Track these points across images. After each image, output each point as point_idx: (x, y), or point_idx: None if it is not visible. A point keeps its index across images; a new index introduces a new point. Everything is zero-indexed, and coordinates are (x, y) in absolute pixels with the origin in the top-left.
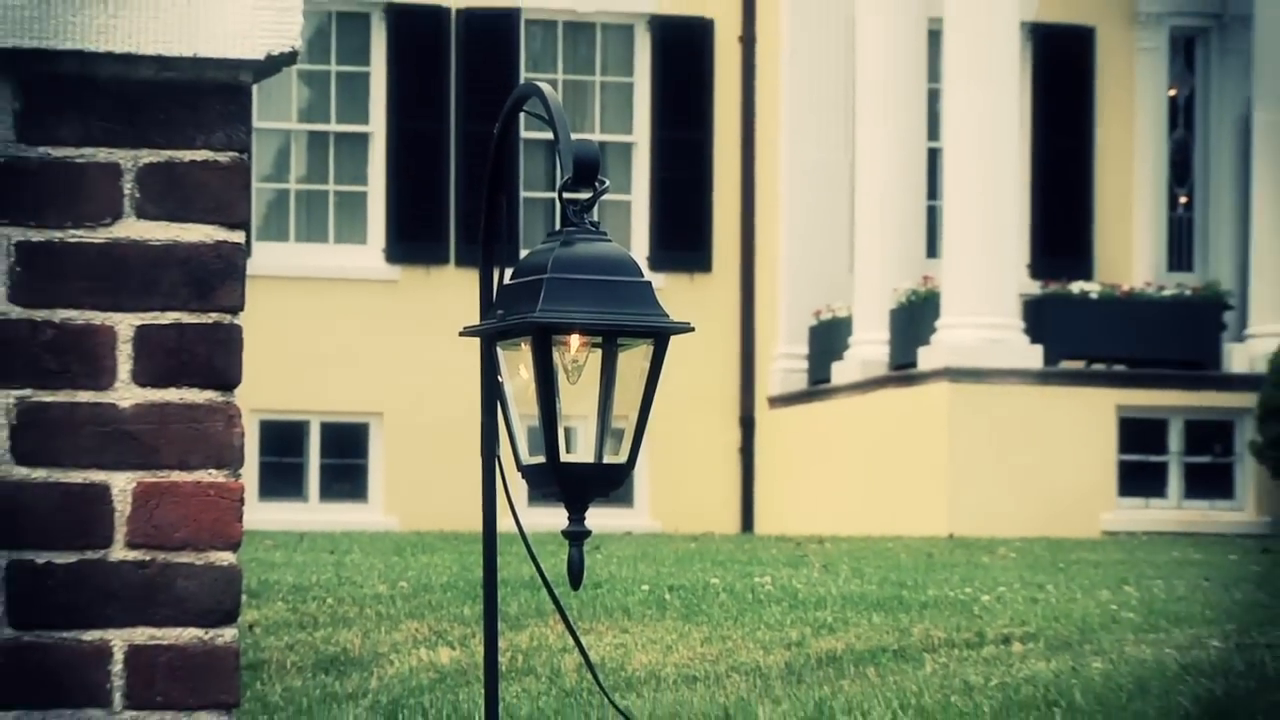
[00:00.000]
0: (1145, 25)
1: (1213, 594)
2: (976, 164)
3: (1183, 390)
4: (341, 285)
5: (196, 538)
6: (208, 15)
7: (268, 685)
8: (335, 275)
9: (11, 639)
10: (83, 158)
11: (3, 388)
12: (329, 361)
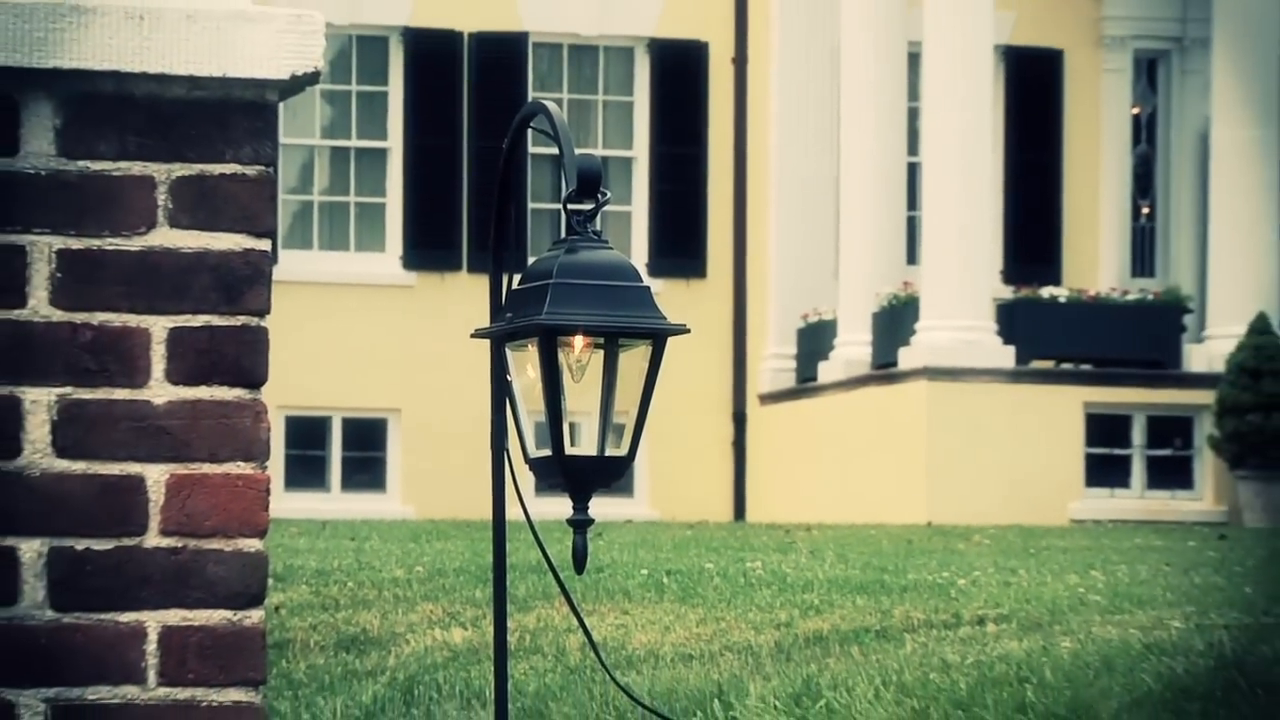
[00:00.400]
0: (1110, 48)
1: (1173, 578)
2: (953, 177)
3: (1145, 388)
4: (361, 290)
5: (226, 526)
6: (236, 38)
7: (293, 663)
8: (356, 281)
9: (53, 620)
10: (119, 171)
11: (45, 385)
12: (350, 361)
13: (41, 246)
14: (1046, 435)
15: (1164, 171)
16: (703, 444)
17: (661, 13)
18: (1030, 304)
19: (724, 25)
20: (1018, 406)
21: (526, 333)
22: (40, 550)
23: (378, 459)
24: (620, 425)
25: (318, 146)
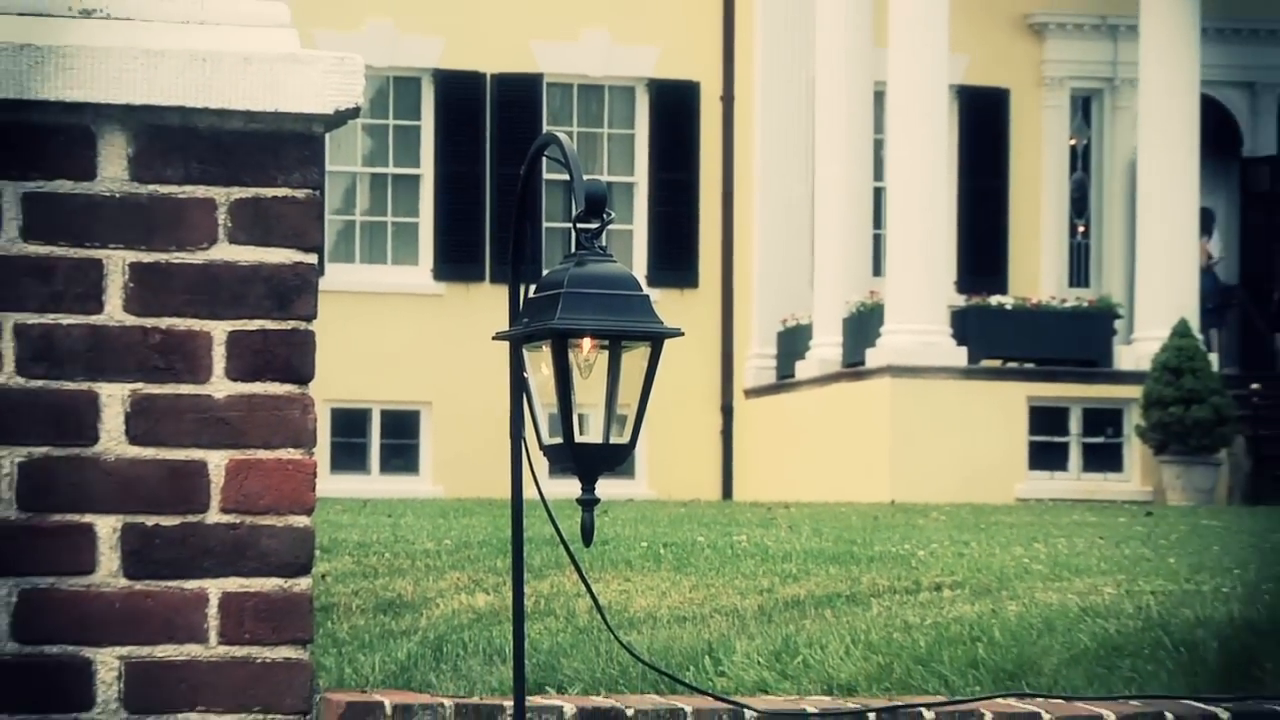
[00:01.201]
0: (1050, 87)
1: (1106, 550)
2: (913, 200)
3: (1081, 384)
4: (397, 299)
5: (278, 504)
6: (286, 77)
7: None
8: (392, 290)
9: (126, 587)
10: (184, 194)
11: (119, 381)
12: (387, 360)
13: (116, 260)
14: (995, 425)
15: (1097, 195)
16: (695, 433)
17: (659, 57)
18: (980, 310)
19: (713, 68)
20: (969, 400)
21: (541, 336)
22: (115, 526)
23: (411, 445)
24: (623, 416)
25: (359, 173)
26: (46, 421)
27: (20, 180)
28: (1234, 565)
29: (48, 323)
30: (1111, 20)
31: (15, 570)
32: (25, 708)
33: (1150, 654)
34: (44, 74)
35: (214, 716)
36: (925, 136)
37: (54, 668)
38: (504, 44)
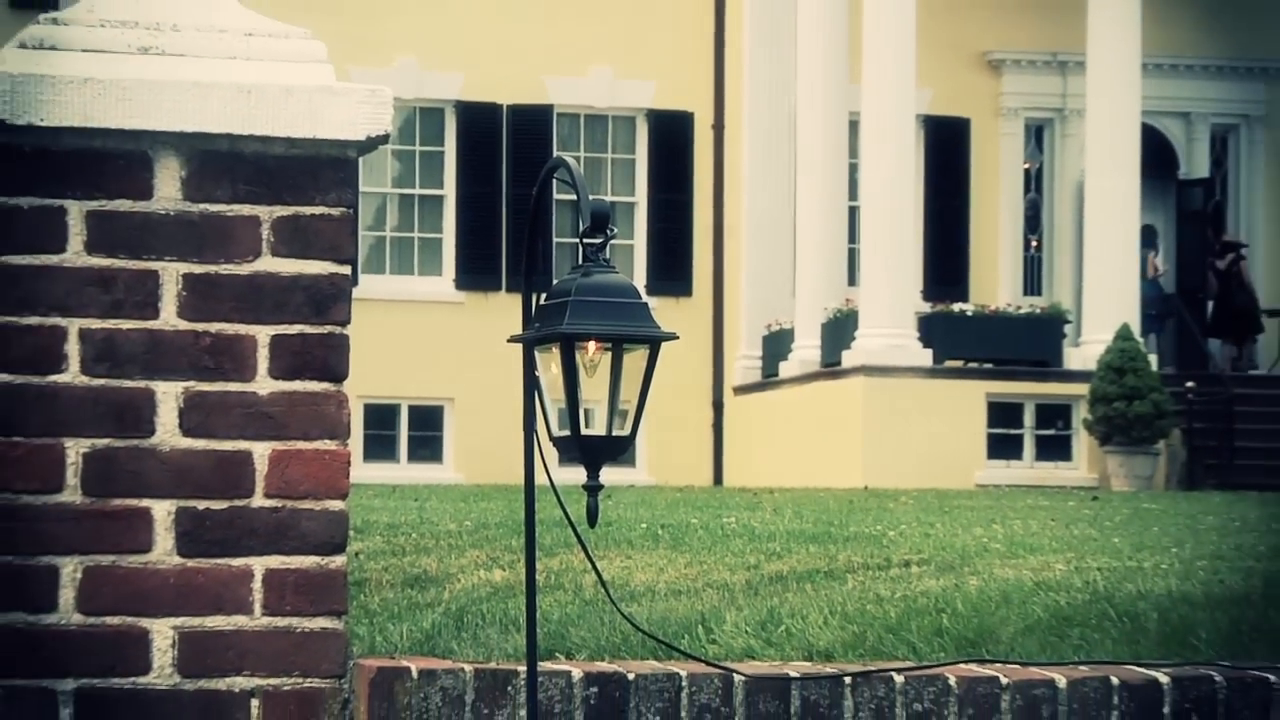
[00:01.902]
0: (1007, 117)
1: (1057, 530)
2: (884, 218)
3: (1034, 382)
4: (423, 306)
5: (315, 490)
6: (323, 107)
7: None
8: (419, 298)
9: (179, 564)
10: (232, 212)
11: (173, 380)
12: (414, 361)
13: (171, 271)
14: (956, 419)
15: (1048, 213)
16: (689, 426)
17: (656, 90)
18: (944, 316)
19: (705, 100)
20: (934, 397)
21: (551, 339)
22: (170, 509)
23: (436, 437)
24: (624, 411)
25: (388, 194)
26: (108, 416)
27: (85, 199)
28: (1172, 544)
29: (109, 327)
30: (1061, 56)
31: (80, 549)
32: (89, 673)
33: (1097, 624)
34: (106, 105)
35: (259, 680)
36: (894, 161)
37: (115, 637)
38: (518, 78)
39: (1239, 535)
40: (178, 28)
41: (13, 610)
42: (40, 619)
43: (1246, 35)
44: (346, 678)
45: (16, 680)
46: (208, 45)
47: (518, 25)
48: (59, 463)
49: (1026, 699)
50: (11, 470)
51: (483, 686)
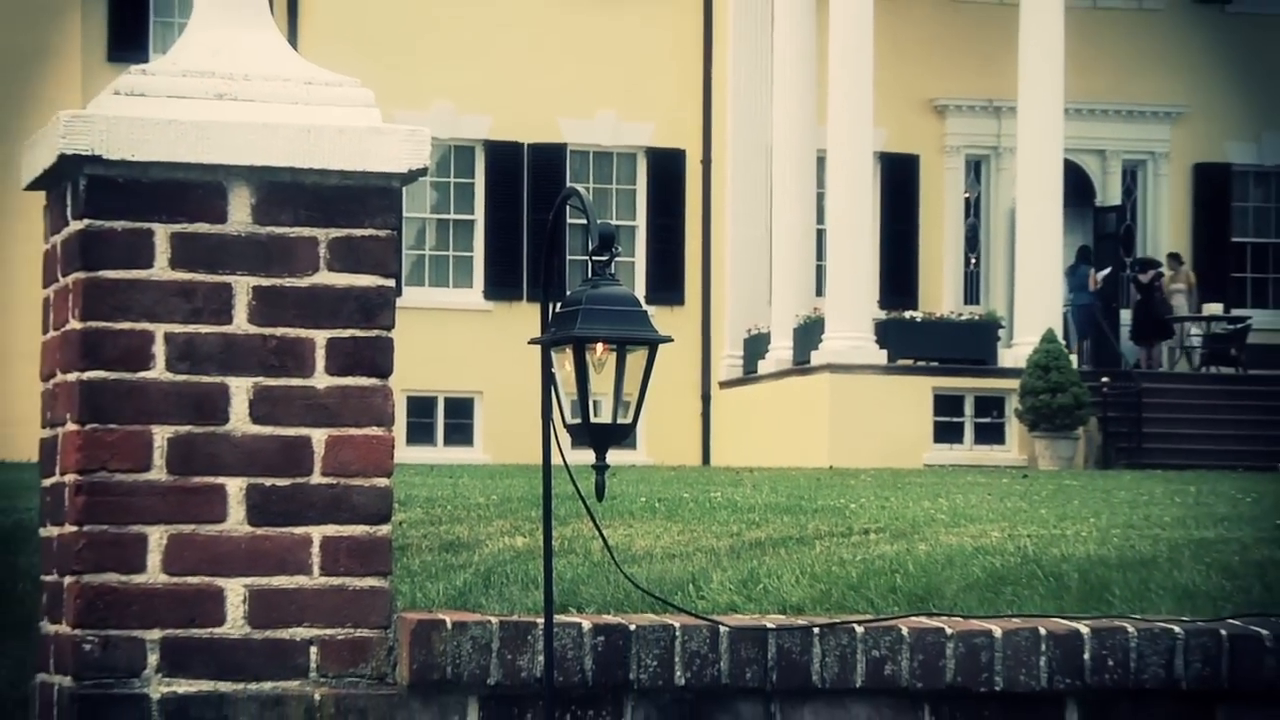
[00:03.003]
0: (950, 154)
1: (993, 503)
2: (846, 239)
3: (973, 377)
4: (457, 313)
5: (365, 469)
6: (371, 145)
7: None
8: (453, 307)
9: (249, 533)
10: (294, 233)
11: (244, 376)
12: (449, 360)
13: (242, 284)
14: (907, 409)
15: (985, 235)
16: (682, 414)
17: (654, 131)
18: (897, 322)
19: (695, 139)
20: (888, 390)
21: (565, 341)
22: (241, 486)
23: (467, 424)
24: (627, 402)
25: (427, 218)
26: (189, 406)
27: (169, 223)
28: (1090, 515)
29: (190, 331)
30: (996, 102)
31: (165, 519)
32: (173, 624)
33: (1027, 583)
34: (187, 143)
35: (317, 630)
36: (854, 191)
37: (194, 594)
38: (537, 121)
39: (1147, 508)
40: (248, 77)
41: (108, 571)
42: (131, 579)
43: (1153, 83)
44: (391, 628)
45: (111, 631)
46: (274, 92)
47: (536, 75)
48: (147, 446)
49: (968, 647)
50: (107, 452)
51: (507, 636)
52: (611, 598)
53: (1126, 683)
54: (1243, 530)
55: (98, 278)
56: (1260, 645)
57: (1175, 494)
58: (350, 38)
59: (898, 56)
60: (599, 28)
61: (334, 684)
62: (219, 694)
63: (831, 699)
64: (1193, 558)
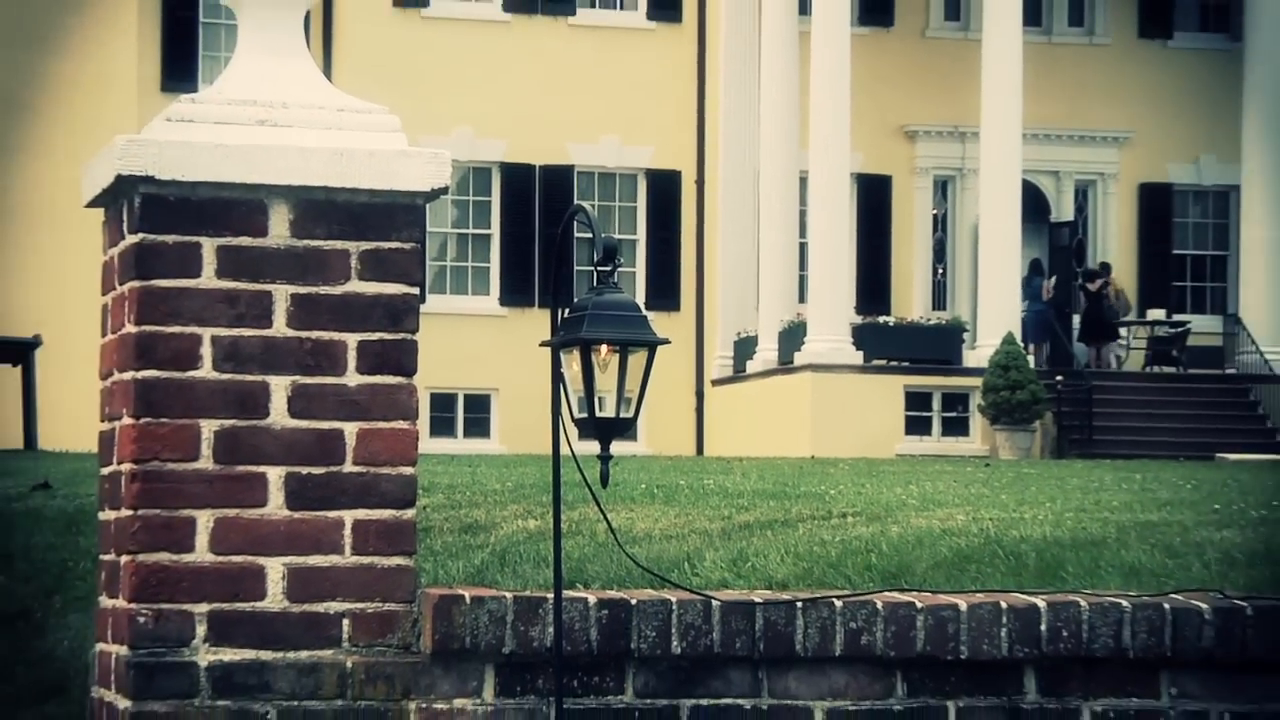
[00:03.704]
0: (919, 174)
1: (957, 490)
2: (826, 251)
3: (940, 376)
4: (475, 318)
5: (392, 459)
6: (398, 166)
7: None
8: (471, 313)
9: (287, 516)
10: (328, 246)
11: (283, 375)
12: (468, 360)
13: (282, 292)
14: (881, 404)
15: (951, 248)
16: (678, 409)
17: (654, 154)
18: (872, 326)
19: (690, 161)
20: (864, 387)
21: (573, 343)
22: (281, 474)
23: (485, 418)
24: (629, 398)
25: (449, 233)
26: (234, 402)
27: (215, 237)
28: (1045, 500)
29: (234, 334)
30: (961, 128)
31: (212, 504)
32: (219, 598)
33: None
34: (232, 164)
35: (349, 604)
36: (833, 208)
37: (238, 571)
38: (547, 145)
39: (1097, 493)
40: (287, 105)
41: (161, 551)
42: (181, 558)
43: (1103, 111)
44: (415, 602)
45: (163, 605)
46: (310, 119)
47: (547, 104)
48: (196, 438)
49: (936, 619)
50: (159, 444)
51: (520, 609)
52: (614, 575)
53: (1079, 651)
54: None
55: (151, 286)
56: (1200, 618)
57: (1122, 481)
58: (379, 69)
59: (872, 87)
60: (603, 61)
61: (364, 653)
62: (260, 662)
63: (813, 666)
64: (1138, 538)
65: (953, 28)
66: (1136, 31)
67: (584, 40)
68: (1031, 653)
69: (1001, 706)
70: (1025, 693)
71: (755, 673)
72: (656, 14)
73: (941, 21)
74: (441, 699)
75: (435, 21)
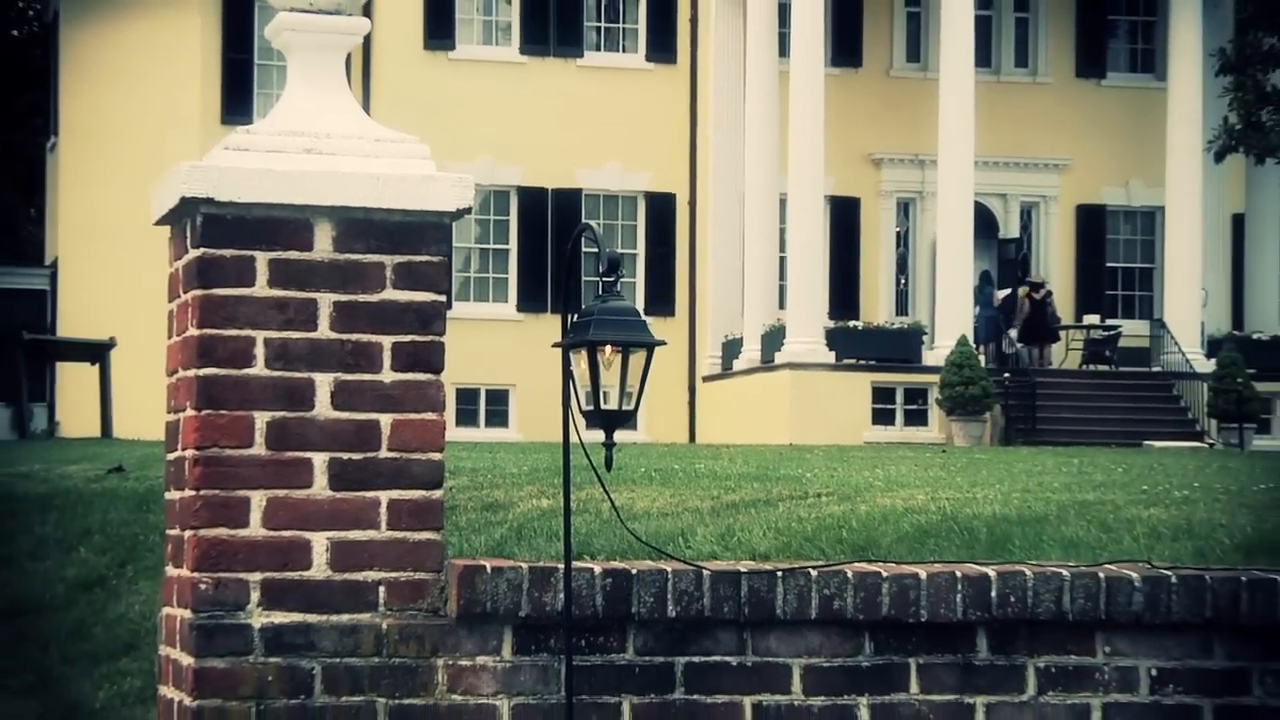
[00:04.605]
0: (884, 197)
1: (918, 472)
2: (803, 264)
3: (902, 373)
4: (496, 323)
5: (422, 446)
6: (428, 189)
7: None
8: (492, 318)
9: (330, 496)
10: (366, 259)
11: (326, 372)
12: (489, 359)
13: (325, 299)
14: (851, 398)
15: (912, 261)
16: (673, 402)
17: (651, 179)
18: (843, 330)
19: (684, 184)
20: (836, 383)
21: (581, 345)
22: (324, 459)
23: (504, 410)
24: (630, 393)
25: (472, 248)
26: (283, 396)
27: (267, 251)
28: (995, 482)
29: (284, 336)
30: (921, 156)
31: (265, 485)
32: (270, 568)
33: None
34: (282, 188)
35: (384, 573)
36: (809, 226)
37: (287, 544)
38: (558, 171)
39: (1040, 476)
40: (330, 135)
41: (219, 526)
42: (237, 532)
43: (1045, 141)
44: (443, 572)
45: (222, 573)
46: (350, 148)
47: (558, 135)
48: (250, 427)
49: (899, 586)
50: (219, 432)
51: (534, 578)
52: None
53: (1024, 615)
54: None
55: (211, 294)
56: (1130, 585)
57: (1062, 465)
58: (411, 104)
59: (843, 120)
60: (607, 97)
61: (398, 616)
62: (307, 624)
63: (791, 628)
64: (1076, 516)
65: (913, 68)
66: (1074, 71)
67: (591, 79)
68: (983, 616)
69: (956, 664)
70: (977, 651)
71: (741, 634)
72: (654, 56)
73: (904, 62)
74: (466, 657)
75: (460, 62)
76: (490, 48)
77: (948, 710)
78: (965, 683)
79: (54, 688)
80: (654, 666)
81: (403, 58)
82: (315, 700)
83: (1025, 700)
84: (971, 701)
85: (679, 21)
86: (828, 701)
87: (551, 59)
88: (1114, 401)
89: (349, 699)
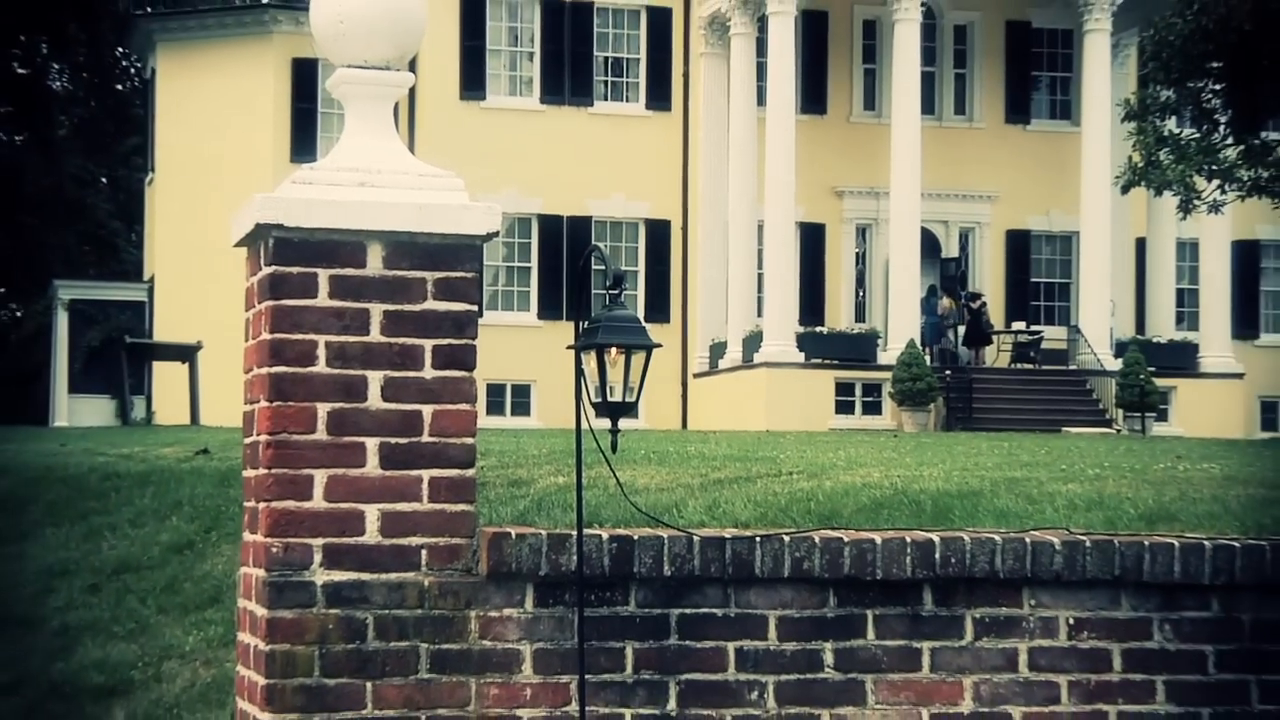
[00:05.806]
0: (846, 222)
1: (874, 454)
2: (777, 279)
3: (860, 371)
4: (519, 328)
5: (457, 432)
6: (463, 216)
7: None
8: (516, 324)
9: (380, 474)
10: (411, 275)
11: (378, 370)
12: (514, 359)
13: (376, 309)
14: (818, 391)
15: (869, 277)
16: (668, 395)
17: (650, 207)
18: (812, 334)
19: (678, 212)
20: (805, 379)
21: (591, 347)
22: (376, 443)
23: (526, 402)
24: (632, 387)
25: (500, 265)
26: (341, 391)
27: (328, 268)
28: (938, 462)
29: (341, 340)
30: (876, 189)
31: (326, 465)
32: (330, 535)
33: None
34: (341, 215)
35: (426, 539)
36: (783, 248)
37: (344, 514)
38: (572, 200)
39: (977, 457)
40: (380, 172)
41: (288, 499)
42: (303, 505)
43: (979, 176)
44: (475, 538)
45: (290, 539)
46: (398, 181)
47: (572, 170)
48: (314, 416)
49: (858, 550)
50: (288, 420)
51: (552, 543)
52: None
53: (963, 573)
54: (1040, 472)
55: (280, 305)
56: (1051, 548)
57: (995, 448)
58: (449, 144)
59: (811, 158)
60: (613, 138)
61: (437, 574)
62: (361, 581)
63: (768, 585)
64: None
65: (870, 115)
66: (1004, 117)
67: (599, 124)
68: (929, 574)
69: (906, 614)
70: (924, 604)
71: (725, 590)
72: (653, 105)
73: (862, 110)
74: (494, 609)
75: (490, 110)
76: (515, 98)
77: (899, 654)
78: (914, 630)
79: (151, 633)
80: (652, 617)
81: (442, 106)
82: (368, 645)
83: (964, 645)
84: (919, 646)
85: (673, 76)
86: (798, 646)
87: (567, 107)
88: (1038, 395)
89: (396, 644)
